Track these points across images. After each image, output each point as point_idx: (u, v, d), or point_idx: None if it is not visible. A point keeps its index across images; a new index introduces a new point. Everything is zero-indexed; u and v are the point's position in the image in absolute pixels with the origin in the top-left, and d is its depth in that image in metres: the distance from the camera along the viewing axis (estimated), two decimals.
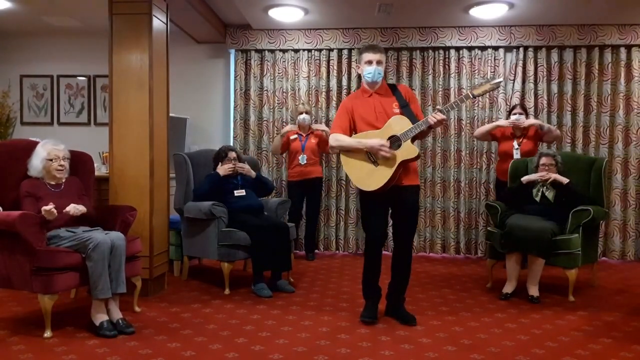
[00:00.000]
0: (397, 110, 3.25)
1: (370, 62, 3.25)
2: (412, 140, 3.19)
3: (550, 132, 4.75)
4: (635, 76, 5.41)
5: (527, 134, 4.78)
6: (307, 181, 5.16)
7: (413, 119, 3.20)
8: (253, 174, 4.39)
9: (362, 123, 3.27)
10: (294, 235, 4.47)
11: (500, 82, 3.22)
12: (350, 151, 3.26)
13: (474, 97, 3.23)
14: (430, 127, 3.16)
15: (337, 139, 3.27)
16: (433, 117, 3.11)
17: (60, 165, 3.30)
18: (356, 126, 3.30)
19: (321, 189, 5.45)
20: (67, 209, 3.16)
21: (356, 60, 5.59)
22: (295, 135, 5.21)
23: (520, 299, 3.85)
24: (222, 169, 4.25)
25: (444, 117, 3.12)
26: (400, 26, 5.51)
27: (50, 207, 3.02)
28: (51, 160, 3.27)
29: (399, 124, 3.19)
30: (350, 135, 3.29)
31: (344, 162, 3.30)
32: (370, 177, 3.19)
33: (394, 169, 3.15)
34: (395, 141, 3.16)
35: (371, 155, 3.19)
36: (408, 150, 3.17)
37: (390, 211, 3.36)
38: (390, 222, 3.44)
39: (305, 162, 5.13)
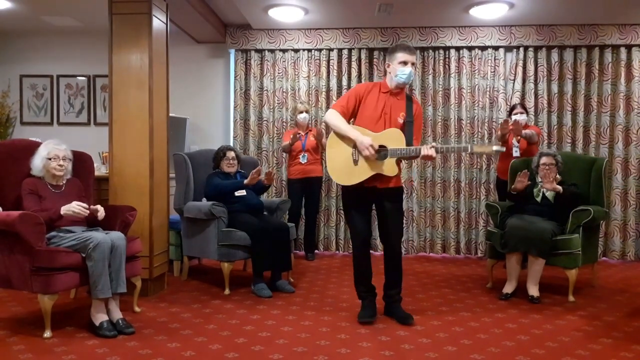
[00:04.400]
0: (401, 121, 3.22)
1: (405, 63, 3.19)
2: (398, 160, 3.19)
3: (530, 137, 4.62)
4: (636, 76, 5.41)
5: None
6: (308, 180, 5.17)
7: (410, 139, 3.19)
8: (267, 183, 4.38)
9: (364, 115, 3.23)
10: (294, 235, 4.47)
11: (501, 150, 3.15)
12: (340, 136, 3.21)
13: (471, 153, 3.26)
14: (417, 156, 3.17)
15: (333, 117, 3.21)
16: (426, 151, 3.08)
17: (59, 165, 3.29)
18: (357, 115, 3.26)
19: (320, 189, 5.45)
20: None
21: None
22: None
23: (520, 299, 3.84)
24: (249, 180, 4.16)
25: (434, 155, 3.11)
26: (400, 26, 5.52)
27: (82, 206, 3.07)
28: (50, 159, 3.27)
29: (394, 138, 3.16)
30: (349, 120, 3.26)
31: (330, 143, 3.26)
32: (345, 171, 3.20)
33: (368, 175, 3.17)
34: (382, 151, 3.15)
35: (355, 153, 3.18)
36: (389, 167, 3.17)
37: (375, 211, 3.38)
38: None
39: (306, 160, 5.13)
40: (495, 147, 3.10)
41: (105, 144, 4.07)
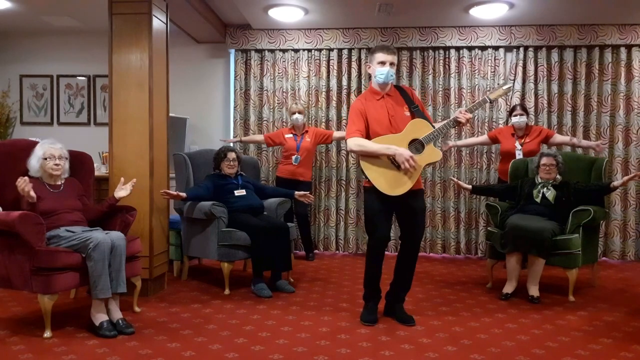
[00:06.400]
0: (408, 114, 3.23)
1: (383, 63, 3.19)
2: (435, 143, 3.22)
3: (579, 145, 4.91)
4: (636, 76, 5.41)
5: (529, 133, 4.78)
6: (296, 182, 5.10)
7: (428, 121, 3.23)
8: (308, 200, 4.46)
9: (375, 126, 3.21)
10: (294, 236, 4.46)
11: (510, 87, 3.28)
12: (371, 156, 3.17)
13: (491, 101, 3.34)
14: (458, 125, 3.23)
15: (360, 143, 3.16)
16: (463, 115, 3.16)
17: (56, 165, 3.28)
18: (369, 129, 3.22)
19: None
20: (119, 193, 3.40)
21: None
22: (290, 135, 5.20)
23: (520, 299, 3.84)
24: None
25: (471, 115, 3.19)
26: (400, 26, 5.51)
27: (27, 187, 2.99)
28: (46, 159, 3.27)
29: (420, 128, 3.18)
30: (366, 138, 3.23)
31: (365, 167, 3.19)
32: (397, 182, 3.14)
33: (419, 173, 3.16)
34: (417, 144, 3.15)
35: (394, 160, 3.13)
36: (432, 153, 3.20)
37: (395, 215, 3.36)
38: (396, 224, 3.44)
39: (298, 162, 5.12)
40: (505, 86, 3.35)
41: (105, 144, 4.06)
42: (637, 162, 5.42)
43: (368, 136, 3.22)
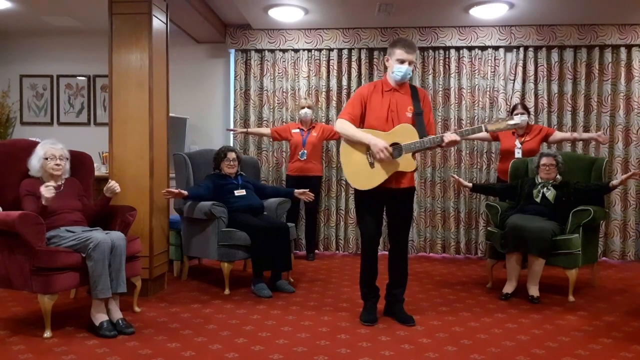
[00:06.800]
0: (410, 115, 3.19)
1: (402, 62, 3.15)
2: (414, 153, 3.17)
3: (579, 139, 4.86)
4: (636, 76, 5.41)
5: (529, 132, 4.78)
6: (305, 178, 5.13)
7: (422, 131, 3.15)
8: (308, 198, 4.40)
9: (371, 117, 3.20)
10: (294, 236, 4.47)
11: (516, 123, 3.17)
12: (352, 142, 3.19)
13: (487, 131, 3.19)
14: (440, 145, 3.13)
15: (344, 126, 3.18)
16: (449, 137, 3.07)
17: (57, 165, 3.28)
18: (365, 117, 3.22)
19: (319, 188, 5.42)
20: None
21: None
22: (297, 130, 5.21)
23: (520, 299, 3.84)
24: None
25: (458, 139, 3.09)
26: (400, 26, 5.52)
27: (50, 184, 3.02)
28: (47, 159, 3.27)
29: (406, 134, 3.13)
30: (358, 125, 3.22)
31: (343, 151, 3.23)
32: (363, 176, 3.17)
33: (387, 176, 3.14)
34: (396, 149, 3.12)
35: (370, 155, 3.15)
36: (407, 162, 3.15)
37: (384, 211, 3.36)
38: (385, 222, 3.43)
39: (305, 157, 5.12)
40: (510, 122, 3.10)
41: (105, 144, 4.06)
42: (637, 162, 5.42)
43: (362, 126, 3.23)
